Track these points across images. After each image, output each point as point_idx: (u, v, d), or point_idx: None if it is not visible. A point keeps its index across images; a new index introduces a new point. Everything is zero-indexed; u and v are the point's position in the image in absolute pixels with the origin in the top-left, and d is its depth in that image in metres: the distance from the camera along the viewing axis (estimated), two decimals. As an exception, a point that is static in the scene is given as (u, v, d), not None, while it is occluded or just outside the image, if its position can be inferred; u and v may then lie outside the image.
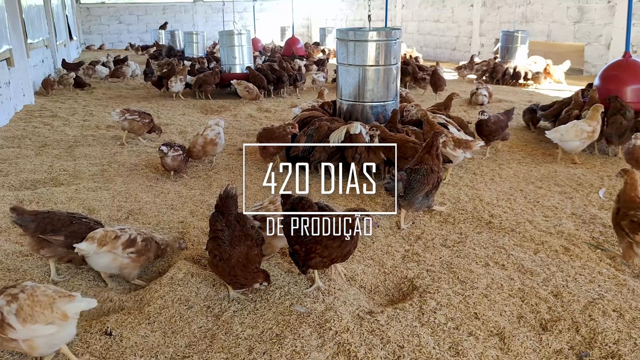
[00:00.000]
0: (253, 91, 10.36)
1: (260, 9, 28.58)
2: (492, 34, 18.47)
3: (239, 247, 3.31)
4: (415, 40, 22.78)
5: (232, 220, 3.37)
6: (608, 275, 3.74)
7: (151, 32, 26.54)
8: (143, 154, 6.94)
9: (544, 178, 5.85)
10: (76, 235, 3.58)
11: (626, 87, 7.01)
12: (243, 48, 11.77)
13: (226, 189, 3.44)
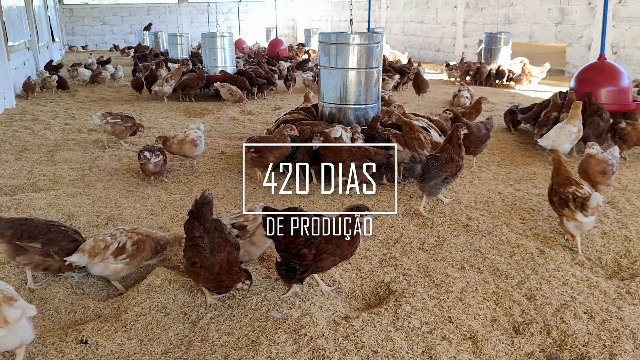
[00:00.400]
0: (236, 94, 10.35)
1: (245, 10, 28.55)
2: (475, 35, 18.61)
3: (220, 254, 3.32)
4: (400, 41, 22.89)
5: (209, 227, 3.37)
6: (581, 277, 3.81)
7: (135, 33, 26.43)
8: (124, 158, 6.92)
9: (522, 180, 5.92)
10: (53, 243, 3.58)
11: (601, 89, 7.12)
12: (225, 50, 11.76)
13: (203, 194, 3.43)
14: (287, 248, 3.37)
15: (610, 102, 7.16)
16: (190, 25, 28.72)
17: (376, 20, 24.05)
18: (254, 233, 3.83)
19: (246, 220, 3.83)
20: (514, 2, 17.12)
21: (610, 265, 4.11)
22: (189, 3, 29.28)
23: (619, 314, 3.31)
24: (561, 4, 15.43)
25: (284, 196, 5.42)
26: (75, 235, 3.74)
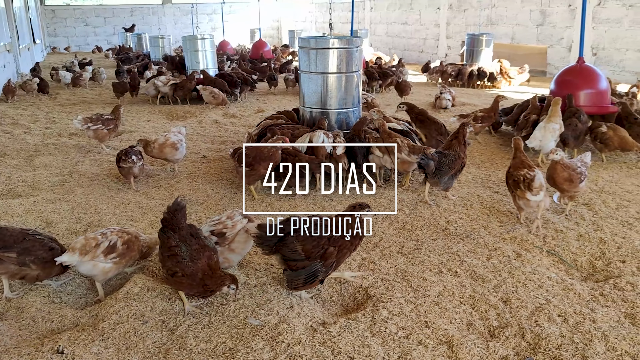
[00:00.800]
0: (219, 96, 10.33)
1: (229, 11, 28.47)
2: (458, 37, 18.73)
3: (200, 261, 3.32)
4: (384, 43, 22.98)
5: (185, 234, 3.37)
6: (556, 279, 3.87)
7: (118, 35, 26.24)
8: (105, 163, 6.88)
9: (501, 182, 5.97)
10: (29, 252, 3.55)
11: (579, 91, 7.22)
12: (207, 53, 11.74)
13: (175, 201, 3.41)
14: (311, 252, 3.39)
15: (589, 105, 7.26)
16: (174, 27, 28.57)
17: (360, 22, 24.12)
18: (233, 240, 3.84)
19: (225, 227, 3.84)
20: (496, 3, 17.27)
21: (585, 267, 4.17)
22: (173, 4, 29.14)
23: (592, 316, 3.37)
24: (542, 5, 15.61)
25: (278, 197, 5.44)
26: (51, 243, 3.72)
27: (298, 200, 5.51)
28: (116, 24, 28.27)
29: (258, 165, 5.27)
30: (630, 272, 3.99)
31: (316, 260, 3.41)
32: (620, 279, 3.83)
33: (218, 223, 3.89)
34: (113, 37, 27.62)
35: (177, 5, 29.14)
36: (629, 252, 4.27)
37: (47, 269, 3.64)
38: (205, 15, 28.83)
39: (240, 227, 3.84)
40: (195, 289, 3.37)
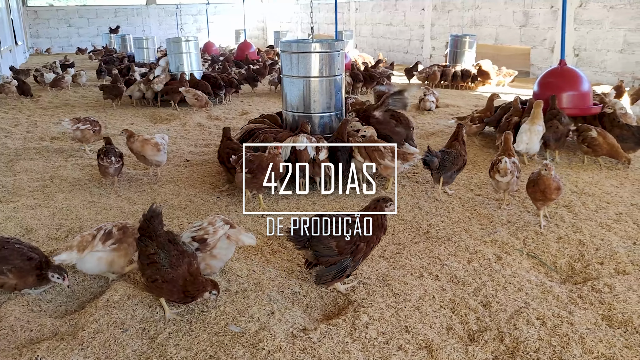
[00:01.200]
0: (202, 99, 10.29)
1: (214, 11, 28.40)
2: (443, 38, 18.83)
3: (180, 267, 3.31)
4: (369, 44, 23.04)
5: (162, 241, 3.35)
6: (536, 282, 3.91)
7: (102, 36, 26.05)
8: (87, 167, 6.83)
9: (483, 185, 6.03)
10: (6, 261, 3.53)
11: (562, 93, 7.30)
12: (191, 55, 11.69)
13: (151, 208, 3.39)
14: (344, 249, 3.60)
15: (571, 107, 7.34)
16: (159, 28, 28.41)
17: (345, 23, 24.16)
18: (215, 246, 3.83)
19: (206, 234, 3.82)
20: (480, 4, 17.39)
21: (564, 269, 4.22)
22: (157, 5, 28.97)
23: (569, 318, 3.41)
24: (525, 7, 15.74)
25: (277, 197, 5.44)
26: (31, 252, 3.69)
27: (298, 201, 5.58)
28: (100, 25, 28.05)
29: (260, 174, 5.16)
30: (608, 274, 4.04)
31: (347, 256, 3.64)
32: (598, 281, 3.88)
33: (199, 229, 3.87)
34: (97, 38, 27.39)
35: (161, 6, 28.98)
36: (607, 253, 4.32)
37: (24, 278, 3.61)
38: (190, 16, 28.69)
39: (222, 233, 3.83)
40: (176, 295, 3.36)
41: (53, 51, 26.16)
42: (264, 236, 4.69)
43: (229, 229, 3.86)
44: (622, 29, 13.06)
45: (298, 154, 5.65)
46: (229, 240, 3.86)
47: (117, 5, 28.86)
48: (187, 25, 28.06)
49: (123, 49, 20.78)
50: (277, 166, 5.15)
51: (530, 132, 6.53)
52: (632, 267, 4.13)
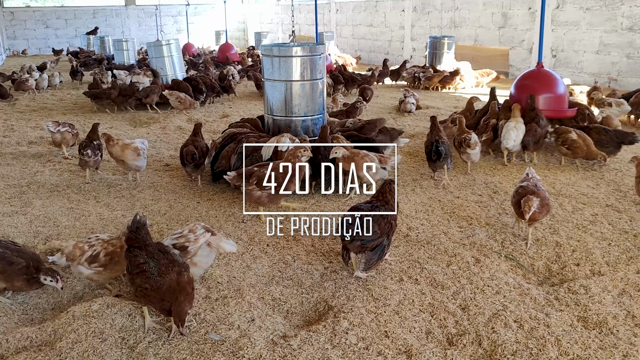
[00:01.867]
0: (185, 101, 10.24)
1: (194, 12, 28.24)
2: (423, 39, 18.95)
3: (169, 275, 3.24)
4: (350, 45, 23.09)
5: (152, 250, 3.31)
6: (514, 285, 3.96)
7: (81, 37, 25.73)
8: (65, 172, 6.76)
9: (462, 187, 6.09)
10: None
11: (538, 95, 7.39)
12: (173, 58, 11.63)
13: (135, 218, 3.36)
14: (384, 229, 3.91)
15: (547, 109, 7.44)
16: (138, 29, 28.18)
17: (326, 24, 24.19)
18: (196, 254, 3.82)
19: (187, 241, 3.81)
20: (459, 6, 17.53)
21: (542, 271, 4.28)
22: (137, 6, 28.69)
23: (546, 321, 3.46)
24: (503, 8, 15.91)
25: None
26: (14, 257, 3.64)
27: (299, 201, 5.62)
28: (78, 26, 27.72)
29: (290, 183, 4.92)
30: (584, 275, 4.11)
31: (385, 236, 3.94)
32: (574, 282, 3.95)
33: (180, 236, 3.86)
34: (75, 39, 27.06)
35: (140, 7, 28.71)
36: (583, 255, 4.39)
37: (10, 281, 3.65)
38: (170, 17, 28.51)
39: (203, 241, 3.83)
40: (158, 304, 3.28)
41: (30, 53, 25.79)
42: (244, 241, 4.69)
43: (210, 236, 3.86)
44: (598, 30, 13.27)
45: (279, 155, 5.65)
46: (210, 247, 3.85)
47: (96, 6, 28.57)
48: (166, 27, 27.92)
49: (102, 50, 20.57)
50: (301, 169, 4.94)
51: (516, 130, 6.71)
52: (607, 268, 4.20)
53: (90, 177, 6.39)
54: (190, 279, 3.34)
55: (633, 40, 12.55)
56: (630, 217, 5.15)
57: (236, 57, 18.67)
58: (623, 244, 4.59)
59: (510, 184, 6.14)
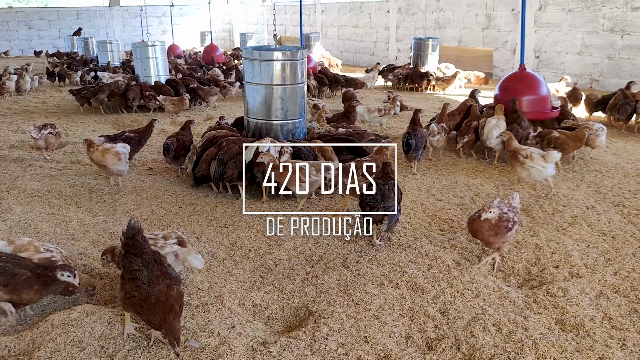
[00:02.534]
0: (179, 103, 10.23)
1: (179, 13, 28.11)
2: (408, 40, 19.03)
3: (158, 287, 3.15)
4: (335, 45, 23.13)
5: (148, 259, 3.24)
6: (493, 288, 3.99)
7: (64, 39, 25.47)
8: (46, 177, 6.69)
9: (445, 189, 6.13)
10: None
11: (522, 97, 7.46)
12: (158, 59, 11.60)
13: (129, 225, 3.28)
14: (397, 195, 4.60)
15: (530, 110, 7.51)
16: (122, 30, 27.98)
17: (312, 25, 24.20)
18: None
19: (154, 246, 3.80)
20: (444, 7, 17.63)
21: (521, 273, 4.32)
22: (121, 7, 28.49)
23: (524, 324, 3.50)
24: (487, 9, 16.03)
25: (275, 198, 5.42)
26: (15, 268, 3.50)
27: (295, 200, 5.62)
28: (61, 27, 27.46)
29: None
30: (563, 277, 4.16)
31: (398, 201, 4.61)
32: (553, 285, 3.99)
33: (151, 238, 3.86)
34: (58, 40, 26.81)
35: (125, 8, 28.51)
36: (562, 257, 4.44)
37: (19, 294, 3.51)
38: (155, 18, 28.35)
39: (169, 251, 3.83)
40: (146, 315, 3.16)
41: (12, 54, 25.49)
42: (226, 247, 4.69)
43: (178, 247, 3.87)
44: (580, 32, 13.42)
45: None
46: (177, 259, 3.85)
47: (79, 6, 28.33)
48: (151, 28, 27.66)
49: (86, 52, 20.38)
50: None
51: (500, 127, 6.82)
52: (585, 270, 4.25)
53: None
54: (180, 293, 3.24)
55: (614, 41, 12.71)
56: (609, 218, 5.22)
57: (221, 59, 18.61)
58: (601, 246, 4.65)
59: (492, 186, 6.19)
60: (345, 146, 6.15)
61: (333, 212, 5.35)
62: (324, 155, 5.85)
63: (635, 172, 6.61)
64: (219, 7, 30.16)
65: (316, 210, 5.49)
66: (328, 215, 5.08)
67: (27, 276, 3.50)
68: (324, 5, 23.92)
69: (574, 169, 6.80)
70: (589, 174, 6.59)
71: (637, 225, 5.05)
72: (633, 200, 5.65)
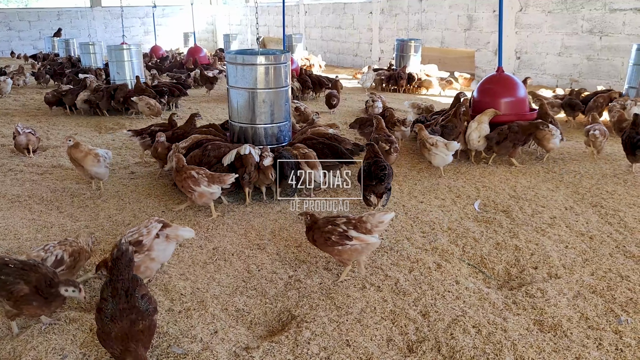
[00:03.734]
0: (155, 107, 10.17)
1: (162, 14, 27.97)
2: (391, 41, 19.14)
3: (120, 323, 2.96)
4: (319, 46, 23.17)
5: (119, 289, 3.04)
6: (473, 290, 4.05)
7: (45, 40, 25.21)
8: (27, 182, 6.64)
9: (426, 191, 6.19)
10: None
11: (500, 99, 7.56)
12: (133, 63, 11.56)
13: (118, 247, 3.11)
14: (392, 175, 5.57)
15: (509, 112, 7.60)
16: (104, 31, 27.75)
17: (295, 26, 24.22)
18: (151, 247, 3.88)
19: (141, 235, 3.88)
20: (426, 8, 17.75)
21: (501, 275, 4.39)
22: (103, 7, 28.24)
23: (503, 325, 3.55)
24: (469, 11, 16.17)
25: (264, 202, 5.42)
26: (15, 283, 3.33)
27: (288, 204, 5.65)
28: (42, 27, 27.13)
29: None
30: (542, 278, 4.23)
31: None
32: (532, 286, 4.06)
33: (135, 232, 3.92)
34: (39, 41, 26.52)
35: (107, 9, 28.26)
36: (541, 258, 4.52)
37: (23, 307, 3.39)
38: (137, 19, 28.17)
39: (155, 232, 3.92)
40: (110, 348, 3.02)
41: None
42: (209, 251, 4.70)
43: (161, 227, 3.97)
44: (560, 33, 13.60)
45: (243, 159, 5.67)
46: (168, 240, 3.96)
47: (60, 7, 28.01)
48: (134, 29, 27.58)
49: (67, 53, 20.19)
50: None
51: (479, 130, 7.01)
52: (563, 270, 4.33)
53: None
54: (147, 326, 3.04)
55: (593, 42, 12.90)
56: (587, 219, 5.31)
57: (205, 60, 18.53)
58: (579, 246, 4.73)
59: (473, 188, 6.26)
60: (329, 150, 6.18)
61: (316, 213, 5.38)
62: (307, 163, 5.86)
63: (612, 172, 6.73)
64: (201, 7, 30.05)
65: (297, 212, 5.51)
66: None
67: (24, 293, 3.32)
68: (307, 7, 23.94)
69: (553, 169, 6.90)
70: (568, 174, 6.70)
71: (613, 226, 5.15)
72: (610, 201, 5.75)
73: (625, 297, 3.90)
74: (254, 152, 5.76)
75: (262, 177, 5.75)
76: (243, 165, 5.70)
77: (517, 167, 7.01)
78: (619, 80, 12.35)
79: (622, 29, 12.30)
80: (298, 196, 5.92)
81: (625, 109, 8.46)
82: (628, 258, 4.50)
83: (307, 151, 5.99)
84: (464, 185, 6.36)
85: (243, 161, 5.72)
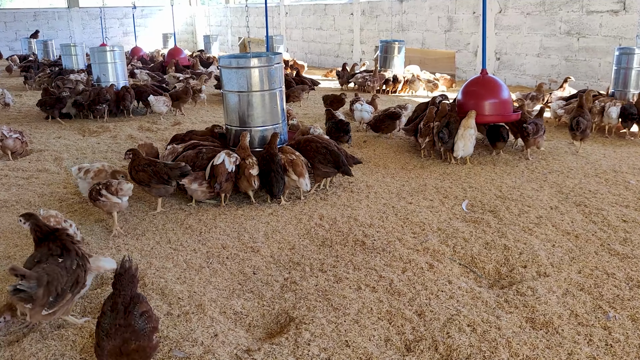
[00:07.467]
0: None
1: (140, 15, 27.73)
2: (372, 42, 19.27)
3: (113, 341, 2.89)
4: (300, 47, 23.21)
5: (118, 304, 2.97)
6: (466, 289, 4.14)
7: (21, 41, 24.84)
8: (13, 187, 6.58)
9: (415, 192, 6.28)
10: None
11: (484, 101, 7.68)
12: (116, 65, 11.50)
13: (122, 264, 3.04)
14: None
15: (493, 114, 7.74)
16: (82, 32, 27.40)
17: (276, 27, 24.21)
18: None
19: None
20: (407, 10, 17.91)
21: (492, 274, 4.49)
22: (80, 8, 27.89)
23: (497, 323, 3.64)
24: (449, 12, 16.36)
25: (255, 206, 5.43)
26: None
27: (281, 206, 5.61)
28: (18, 29, 26.68)
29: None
30: (531, 277, 4.33)
31: None
32: (522, 284, 4.16)
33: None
34: (15, 43, 26.10)
35: (84, 9, 27.92)
36: (530, 257, 4.63)
37: None
38: (115, 19, 27.90)
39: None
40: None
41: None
42: (203, 254, 4.72)
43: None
44: (539, 34, 13.85)
45: (214, 169, 5.67)
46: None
47: (37, 8, 27.61)
48: (112, 29, 27.32)
49: (45, 55, 19.93)
50: None
51: (464, 137, 7.10)
52: (551, 269, 4.44)
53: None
54: (143, 347, 2.95)
55: (570, 43, 13.17)
56: (572, 218, 5.44)
57: (185, 62, 18.44)
58: (566, 245, 4.85)
59: (460, 188, 6.37)
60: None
61: (307, 215, 5.44)
62: (295, 169, 5.87)
63: (594, 172, 6.89)
64: (180, 8, 29.88)
65: (291, 214, 5.57)
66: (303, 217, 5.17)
67: None
68: (287, 7, 23.96)
69: (538, 168, 7.04)
70: (552, 174, 6.85)
71: (597, 224, 5.29)
72: (593, 200, 5.91)
73: (612, 293, 4.02)
74: (228, 161, 5.72)
75: (245, 184, 5.79)
76: (215, 174, 5.68)
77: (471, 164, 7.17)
78: (596, 80, 12.63)
79: (598, 30, 12.57)
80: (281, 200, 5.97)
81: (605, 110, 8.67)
82: (613, 256, 4.64)
83: (294, 157, 5.98)
84: (450, 186, 6.46)
85: (214, 171, 5.70)
